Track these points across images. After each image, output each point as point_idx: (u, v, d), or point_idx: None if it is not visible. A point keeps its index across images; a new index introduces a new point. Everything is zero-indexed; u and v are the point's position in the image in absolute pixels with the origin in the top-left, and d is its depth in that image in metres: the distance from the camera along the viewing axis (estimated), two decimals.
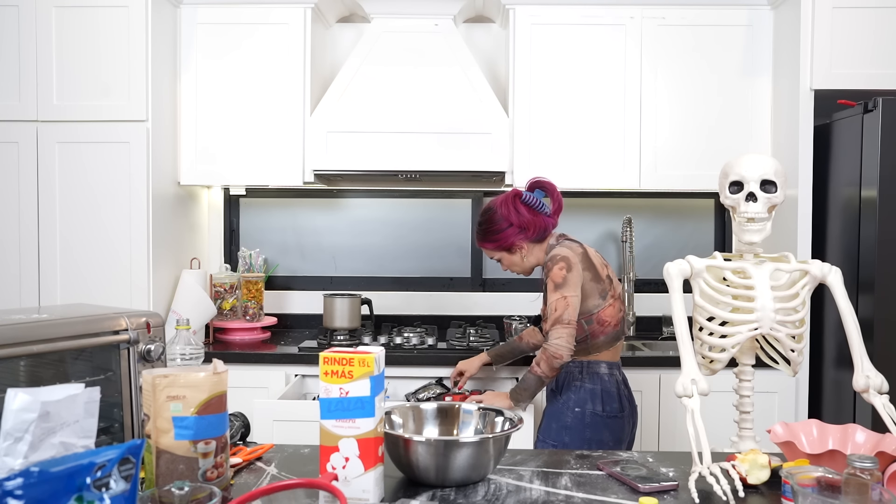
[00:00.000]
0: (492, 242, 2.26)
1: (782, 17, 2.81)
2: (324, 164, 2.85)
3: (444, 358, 2.66)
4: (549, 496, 1.27)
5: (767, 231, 1.49)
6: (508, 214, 2.21)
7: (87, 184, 2.69)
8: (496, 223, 2.23)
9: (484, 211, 2.28)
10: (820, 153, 2.70)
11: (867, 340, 2.34)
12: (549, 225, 2.24)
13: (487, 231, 2.26)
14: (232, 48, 2.91)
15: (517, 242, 2.24)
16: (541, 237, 2.24)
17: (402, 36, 2.95)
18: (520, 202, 2.22)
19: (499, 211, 2.23)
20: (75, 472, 0.89)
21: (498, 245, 2.26)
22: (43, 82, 2.68)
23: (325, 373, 1.21)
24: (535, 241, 2.25)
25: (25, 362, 1.34)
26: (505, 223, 2.22)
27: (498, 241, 2.24)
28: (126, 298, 2.68)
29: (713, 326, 1.49)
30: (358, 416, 1.20)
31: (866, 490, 1.01)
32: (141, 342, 1.45)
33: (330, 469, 1.20)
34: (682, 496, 1.28)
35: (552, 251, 2.19)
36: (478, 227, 2.30)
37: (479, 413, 1.48)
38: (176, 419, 1.14)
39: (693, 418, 1.34)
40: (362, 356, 1.20)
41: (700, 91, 2.90)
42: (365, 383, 1.20)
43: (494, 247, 2.27)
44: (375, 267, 3.32)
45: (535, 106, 2.91)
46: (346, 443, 1.20)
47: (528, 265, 2.30)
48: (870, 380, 1.40)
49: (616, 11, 2.89)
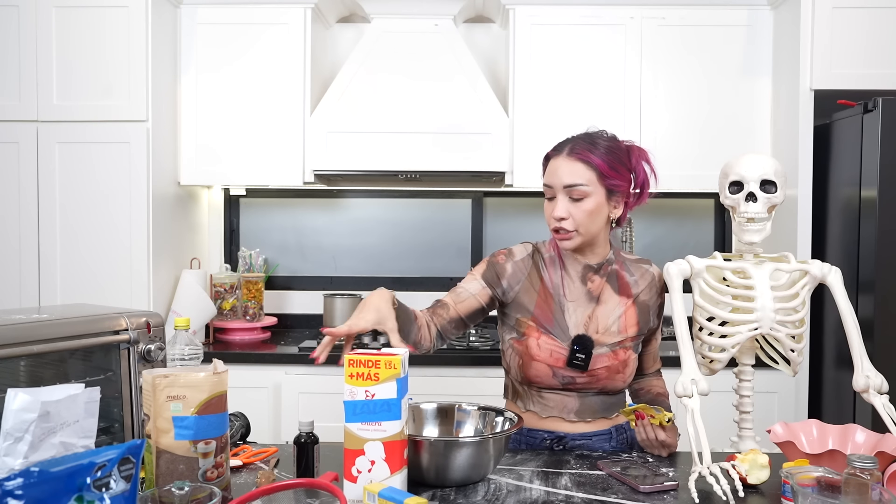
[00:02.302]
0: (609, 168, 1.54)
1: (782, 17, 2.81)
2: (324, 164, 2.85)
3: (444, 358, 2.66)
4: (549, 496, 1.27)
5: (767, 231, 1.49)
6: (637, 161, 1.61)
7: (88, 184, 2.69)
8: (622, 153, 1.59)
9: (602, 132, 1.62)
10: (820, 153, 2.70)
11: (867, 340, 2.34)
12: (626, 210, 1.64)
13: (611, 152, 1.57)
14: (232, 48, 2.91)
15: (622, 194, 1.59)
16: (621, 217, 1.63)
17: (402, 36, 2.95)
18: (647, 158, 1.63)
19: (625, 145, 1.62)
20: (75, 472, 0.89)
21: (613, 178, 1.55)
22: (43, 82, 2.68)
23: (350, 375, 1.20)
24: (617, 217, 1.62)
25: (25, 362, 1.34)
26: (629, 162, 1.59)
27: (616, 172, 1.56)
28: (126, 298, 2.68)
29: (713, 326, 1.49)
30: (384, 418, 1.19)
31: (866, 490, 1.01)
32: (141, 342, 1.45)
33: (355, 472, 1.19)
34: (682, 496, 1.28)
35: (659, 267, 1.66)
36: (590, 135, 1.60)
37: (478, 413, 1.48)
38: (176, 419, 1.14)
39: (693, 418, 1.34)
40: (388, 358, 1.20)
41: (700, 91, 2.90)
42: (391, 385, 1.19)
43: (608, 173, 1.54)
44: (375, 267, 3.32)
45: (535, 106, 2.91)
46: (371, 446, 1.19)
47: (596, 229, 1.58)
48: (870, 380, 1.40)
49: (616, 11, 2.89)
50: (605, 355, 1.59)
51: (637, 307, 1.64)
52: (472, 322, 1.69)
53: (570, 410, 1.62)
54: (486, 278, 1.67)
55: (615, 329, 1.61)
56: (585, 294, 1.63)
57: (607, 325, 1.61)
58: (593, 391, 1.62)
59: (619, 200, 1.60)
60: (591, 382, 1.60)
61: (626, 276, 1.66)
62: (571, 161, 1.55)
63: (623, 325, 1.62)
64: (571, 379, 1.59)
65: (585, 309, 1.62)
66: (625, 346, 1.61)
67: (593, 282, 1.63)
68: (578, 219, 1.54)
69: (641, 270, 1.67)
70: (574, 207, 1.54)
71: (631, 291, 1.64)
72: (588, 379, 1.59)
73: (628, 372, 1.63)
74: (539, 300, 1.63)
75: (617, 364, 1.60)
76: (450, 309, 1.66)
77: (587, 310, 1.62)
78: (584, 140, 1.58)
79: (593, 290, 1.63)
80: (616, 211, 1.60)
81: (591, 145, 1.56)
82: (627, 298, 1.63)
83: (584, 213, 1.54)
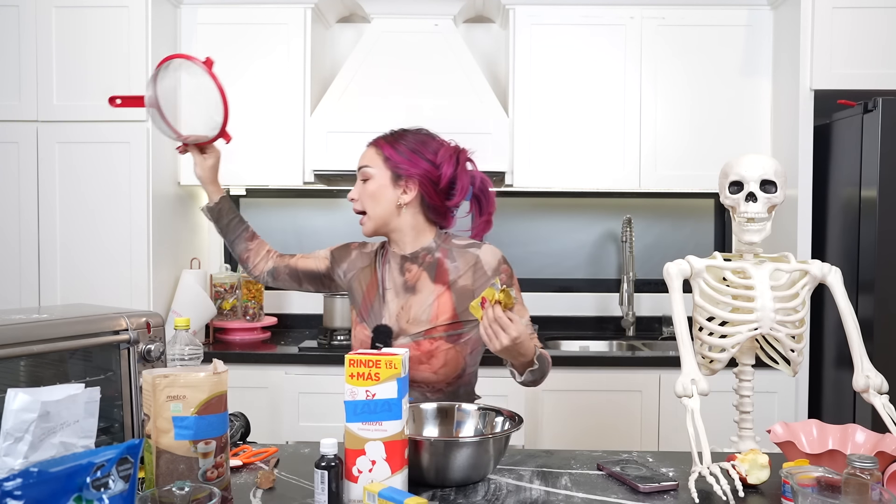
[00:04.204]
0: (398, 154, 1.62)
1: (782, 17, 2.81)
2: (324, 164, 2.85)
3: None
4: (549, 496, 1.27)
5: (767, 231, 1.49)
6: (445, 156, 1.64)
7: (88, 184, 2.69)
8: (427, 146, 1.65)
9: (420, 129, 1.70)
10: (820, 153, 2.70)
11: (867, 340, 2.34)
12: (451, 211, 1.70)
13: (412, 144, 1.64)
14: (232, 48, 2.90)
15: (414, 182, 1.62)
16: (436, 213, 1.67)
17: (402, 36, 2.95)
18: (467, 157, 1.70)
19: (440, 143, 1.67)
20: (74, 472, 0.90)
21: (400, 162, 1.62)
22: (43, 82, 2.68)
23: (350, 375, 1.21)
24: (425, 208, 1.66)
25: (25, 362, 1.34)
26: (432, 155, 1.64)
27: (406, 159, 1.62)
28: (126, 298, 2.68)
29: (713, 326, 1.49)
30: (385, 418, 1.19)
31: (866, 490, 1.01)
32: (141, 342, 1.45)
33: (356, 472, 1.20)
34: (682, 496, 1.28)
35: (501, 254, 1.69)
36: (394, 131, 1.69)
37: (478, 413, 1.48)
38: (176, 419, 1.14)
39: (693, 418, 1.34)
40: (389, 358, 1.20)
41: (700, 91, 2.90)
42: (392, 385, 1.20)
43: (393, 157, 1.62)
44: None
45: (535, 106, 2.91)
46: (372, 446, 1.19)
47: (382, 213, 1.63)
48: (870, 380, 1.40)
49: (616, 11, 2.89)
50: (406, 346, 1.60)
51: (453, 293, 1.63)
52: (307, 282, 1.80)
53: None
54: (333, 253, 1.80)
55: (425, 318, 1.61)
56: (403, 284, 1.66)
57: (418, 314, 1.62)
58: (411, 390, 1.60)
59: (410, 186, 1.62)
60: None
61: (446, 262, 1.65)
62: (369, 148, 1.68)
63: (435, 312, 1.61)
64: None
65: (402, 299, 1.65)
66: (432, 337, 1.60)
67: (410, 272, 1.67)
68: (363, 200, 1.65)
69: (466, 256, 1.66)
70: (361, 189, 1.65)
71: (448, 278, 1.64)
72: None
73: (437, 364, 1.60)
74: (366, 291, 1.70)
75: (419, 355, 1.60)
76: (293, 258, 1.82)
77: (403, 300, 1.65)
78: (391, 133, 1.69)
79: (410, 280, 1.66)
80: (405, 196, 1.62)
81: (393, 137, 1.67)
82: (443, 286, 1.63)
83: (367, 194, 1.63)
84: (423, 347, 1.60)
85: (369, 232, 1.66)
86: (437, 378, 1.62)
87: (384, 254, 1.72)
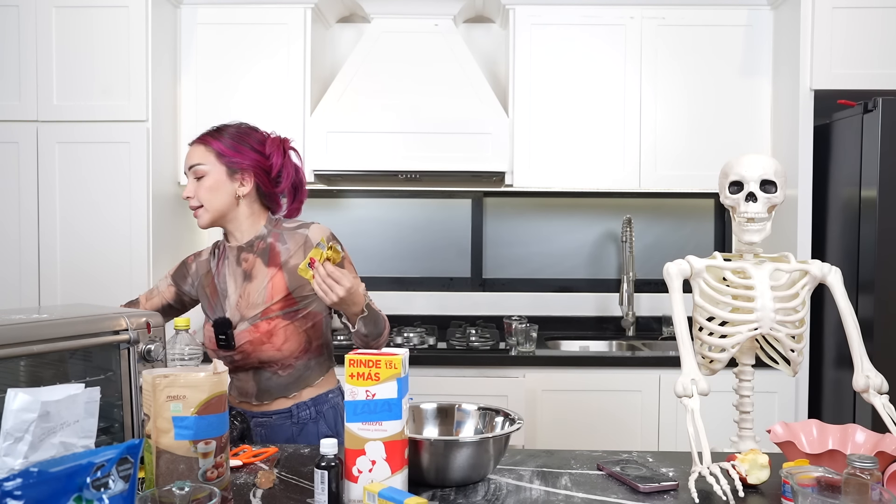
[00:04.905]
0: (227, 148, 1.69)
1: (782, 17, 2.81)
2: (324, 164, 2.85)
3: (444, 358, 2.66)
4: (549, 496, 1.27)
5: (767, 231, 1.49)
6: (273, 146, 1.74)
7: (87, 184, 2.69)
8: (252, 138, 1.73)
9: (241, 123, 1.77)
10: (820, 153, 2.70)
11: (867, 340, 2.34)
12: (279, 196, 1.78)
13: (237, 137, 1.71)
14: (232, 48, 2.91)
15: (249, 173, 1.70)
16: (270, 200, 1.76)
17: (402, 36, 2.95)
18: (289, 145, 1.77)
19: (264, 134, 1.76)
20: (74, 473, 0.89)
21: (232, 157, 1.69)
22: (43, 82, 2.68)
23: (350, 375, 1.21)
24: (261, 195, 1.75)
25: (25, 362, 1.34)
26: (260, 146, 1.72)
27: (237, 153, 1.69)
28: (126, 298, 2.67)
29: (713, 326, 1.49)
30: (385, 418, 1.19)
31: (866, 490, 1.01)
32: (141, 342, 1.45)
33: (356, 472, 1.20)
34: (682, 496, 1.28)
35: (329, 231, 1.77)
36: (217, 127, 1.75)
37: (478, 413, 1.48)
38: (176, 419, 1.14)
39: (693, 418, 1.34)
40: (389, 358, 1.20)
41: (700, 91, 2.90)
42: (392, 385, 1.20)
43: (225, 153, 1.69)
44: (375, 267, 3.32)
45: (535, 106, 2.91)
46: (372, 445, 1.19)
47: (222, 205, 1.70)
48: (870, 380, 1.40)
49: (616, 11, 2.89)
50: (246, 330, 1.68)
51: (286, 273, 1.70)
52: (171, 313, 1.85)
53: (251, 395, 1.72)
54: (174, 277, 1.85)
55: (260, 301, 1.69)
56: (242, 274, 1.73)
57: (255, 299, 1.70)
58: (263, 370, 1.70)
59: (246, 178, 1.70)
60: (245, 359, 1.70)
61: (278, 245, 1.73)
62: (196, 146, 1.72)
63: (269, 293, 1.69)
64: (230, 359, 1.69)
65: (241, 288, 1.72)
66: (269, 317, 1.68)
67: (247, 261, 1.74)
68: (201, 195, 1.69)
69: (295, 236, 1.74)
70: (197, 186, 1.70)
71: (279, 260, 1.71)
72: (241, 356, 1.70)
73: (278, 341, 1.68)
74: (209, 292, 1.77)
75: (260, 336, 1.67)
76: (140, 306, 1.84)
77: (241, 289, 1.72)
78: (212, 129, 1.75)
79: (247, 268, 1.73)
80: (243, 188, 1.70)
81: (216, 132, 1.73)
82: (275, 268, 1.71)
83: (205, 190, 1.69)
84: (261, 329, 1.67)
85: (205, 224, 1.72)
86: (283, 355, 1.69)
87: (221, 251, 1.79)
